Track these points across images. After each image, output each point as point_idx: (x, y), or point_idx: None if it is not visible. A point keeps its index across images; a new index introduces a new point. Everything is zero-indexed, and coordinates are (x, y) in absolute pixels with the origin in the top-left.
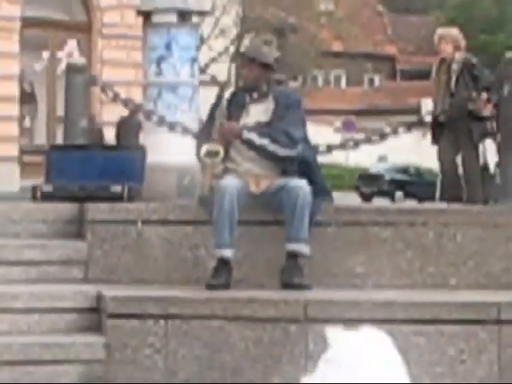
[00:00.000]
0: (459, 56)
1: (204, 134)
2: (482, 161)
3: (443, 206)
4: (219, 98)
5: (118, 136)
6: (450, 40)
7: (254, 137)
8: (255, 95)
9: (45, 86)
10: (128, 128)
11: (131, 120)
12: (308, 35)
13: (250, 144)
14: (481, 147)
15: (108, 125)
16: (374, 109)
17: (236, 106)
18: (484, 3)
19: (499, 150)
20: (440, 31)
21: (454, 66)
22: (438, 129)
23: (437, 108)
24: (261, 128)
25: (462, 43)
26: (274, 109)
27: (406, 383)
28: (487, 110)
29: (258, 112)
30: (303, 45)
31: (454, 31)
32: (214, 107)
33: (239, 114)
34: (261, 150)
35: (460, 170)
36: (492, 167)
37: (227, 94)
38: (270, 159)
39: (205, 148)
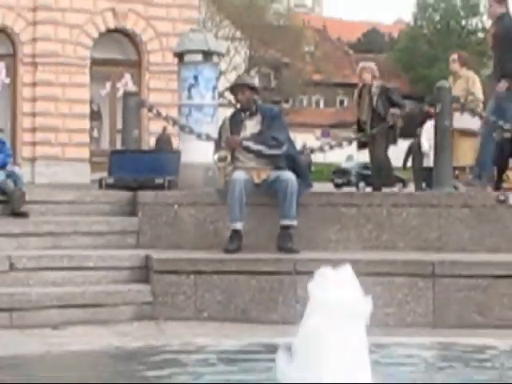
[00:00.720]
0: (377, 83)
1: (216, 146)
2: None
3: (393, 192)
4: (224, 120)
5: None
6: (370, 70)
7: (250, 144)
8: (248, 114)
9: (108, 107)
10: None
11: None
12: (296, 70)
13: (248, 149)
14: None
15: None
16: (344, 122)
17: (235, 123)
18: (422, 47)
19: (435, 151)
20: (361, 64)
21: (374, 90)
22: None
23: (362, 121)
24: (255, 137)
25: (377, 73)
26: (262, 121)
27: None
28: (399, 122)
29: (251, 125)
30: (293, 77)
31: (372, 64)
32: (221, 127)
33: (239, 129)
34: (256, 153)
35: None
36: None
37: (228, 116)
38: (264, 158)
39: (216, 155)
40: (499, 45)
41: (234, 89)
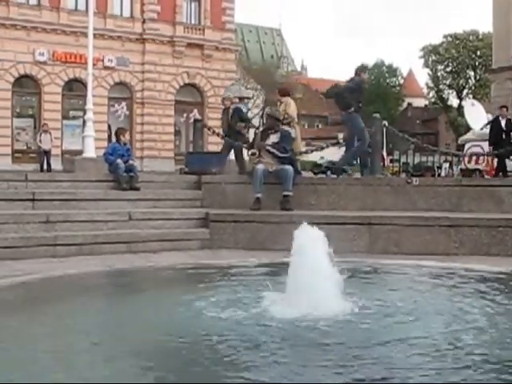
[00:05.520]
0: (233, 106)
1: (250, 146)
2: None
3: (346, 177)
4: (258, 132)
5: None
6: (228, 99)
7: (270, 148)
8: (272, 131)
9: (184, 128)
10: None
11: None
12: None
13: (269, 151)
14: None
15: (209, 144)
16: (319, 137)
17: (264, 135)
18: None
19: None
20: (225, 94)
21: (231, 111)
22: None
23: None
24: (274, 145)
25: (235, 100)
26: (280, 137)
27: None
28: (243, 131)
29: (273, 138)
30: None
31: (231, 94)
32: (255, 135)
33: (266, 138)
34: (273, 154)
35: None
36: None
37: (260, 130)
38: (277, 158)
39: (250, 152)
40: None
41: (267, 116)
